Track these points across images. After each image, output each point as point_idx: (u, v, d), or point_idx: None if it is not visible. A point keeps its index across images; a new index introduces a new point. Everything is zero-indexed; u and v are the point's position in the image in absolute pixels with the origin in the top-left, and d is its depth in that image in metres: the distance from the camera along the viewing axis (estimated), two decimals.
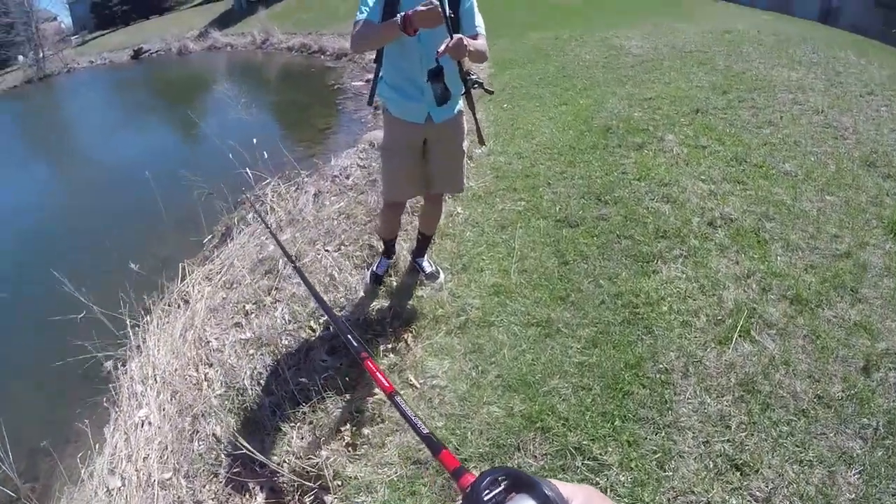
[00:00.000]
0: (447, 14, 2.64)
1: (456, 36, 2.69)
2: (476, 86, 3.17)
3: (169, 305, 5.10)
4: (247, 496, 3.06)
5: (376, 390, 3.33)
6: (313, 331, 4.03)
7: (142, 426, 3.88)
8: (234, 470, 3.15)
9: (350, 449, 3.08)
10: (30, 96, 27.95)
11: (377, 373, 1.15)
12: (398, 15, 2.72)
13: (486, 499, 0.60)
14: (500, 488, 0.62)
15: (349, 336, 1.36)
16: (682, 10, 14.28)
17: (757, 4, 16.03)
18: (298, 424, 3.32)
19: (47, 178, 12.76)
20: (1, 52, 36.46)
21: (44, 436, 4.56)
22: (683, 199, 4.64)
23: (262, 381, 3.74)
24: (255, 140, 6.53)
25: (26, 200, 11.11)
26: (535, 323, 3.57)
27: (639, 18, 13.16)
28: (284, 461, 3.09)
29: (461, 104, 3.43)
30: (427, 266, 4.21)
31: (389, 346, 3.66)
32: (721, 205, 4.52)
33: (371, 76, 3.51)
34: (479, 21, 3.14)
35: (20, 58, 35.20)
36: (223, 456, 3.31)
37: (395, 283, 4.23)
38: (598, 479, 2.60)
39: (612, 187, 4.96)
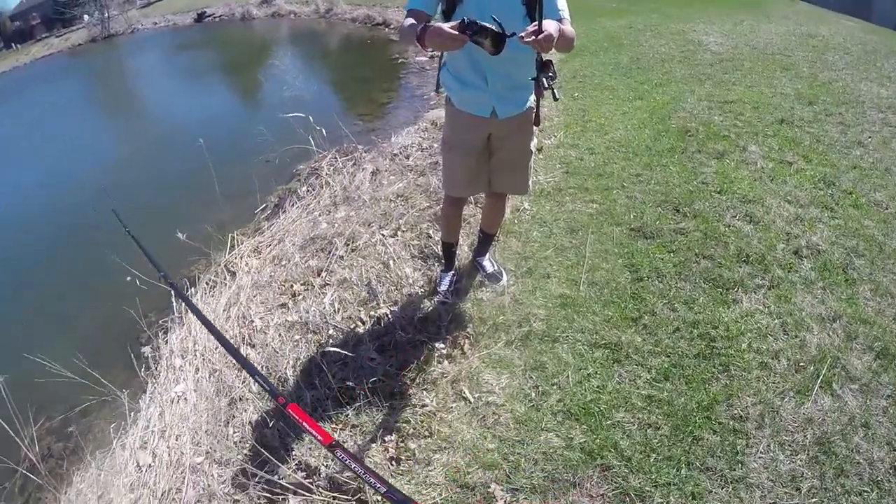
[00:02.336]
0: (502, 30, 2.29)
1: (548, 29, 2.31)
2: (547, 81, 2.78)
3: (215, 277, 4.96)
4: (279, 498, 2.88)
5: (425, 401, 3.13)
6: (363, 323, 3.82)
7: (178, 402, 3.79)
8: (268, 467, 2.97)
9: (394, 463, 2.89)
10: (94, 55, 28.54)
11: (305, 423, 0.97)
12: (418, 27, 2.38)
13: None
14: None
15: (258, 378, 1.20)
16: (761, 8, 13.74)
17: (835, 7, 15.38)
18: (340, 427, 3.12)
19: (105, 136, 12.85)
20: (67, 11, 37.24)
21: (80, 396, 4.52)
22: (768, 220, 4.31)
23: (304, 372, 3.56)
24: (313, 111, 6.34)
25: (83, 159, 11.22)
26: (603, 344, 3.31)
27: (717, 14, 12.66)
28: (321, 467, 2.90)
29: (531, 100, 3.07)
30: (489, 266, 3.97)
31: (444, 351, 3.44)
32: (808, 232, 4.17)
33: (435, 53, 3.15)
34: (562, 4, 2.77)
35: (86, 17, 36.01)
36: (258, 449, 3.13)
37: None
38: None
39: (691, 198, 4.65)
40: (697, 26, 11.31)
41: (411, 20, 2.61)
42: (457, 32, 2.21)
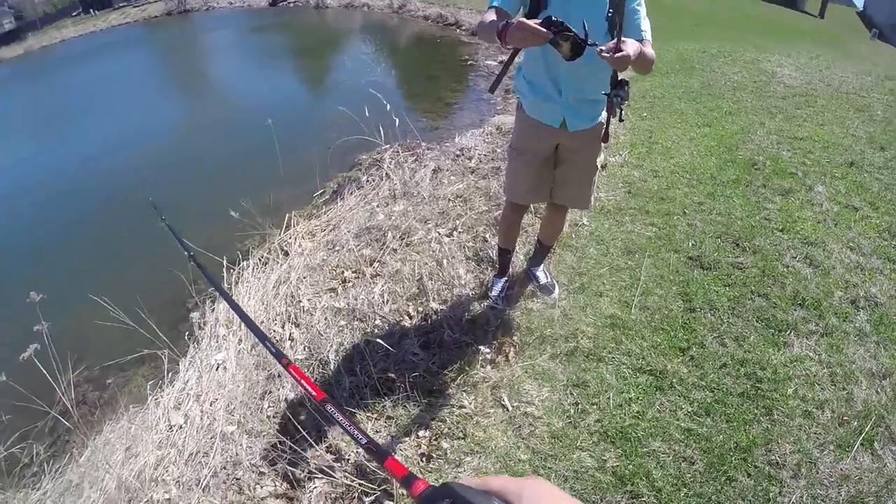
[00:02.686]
0: (585, 34, 2.28)
1: (627, 49, 2.31)
2: (619, 102, 2.75)
3: (268, 254, 5.03)
4: (305, 477, 2.92)
5: (464, 402, 3.14)
6: (410, 317, 3.85)
7: (216, 369, 3.86)
8: (298, 446, 3.01)
9: (424, 460, 2.92)
10: (169, 28, 29.38)
11: (302, 380, 1.00)
12: (500, 23, 2.40)
13: None
14: None
15: (267, 343, 1.21)
16: (839, 45, 13.44)
17: None
18: (375, 417, 3.16)
19: (174, 107, 13.15)
20: None
21: (120, 350, 4.62)
22: (828, 265, 4.21)
23: (346, 358, 3.61)
24: (381, 103, 6.37)
25: (149, 126, 11.53)
26: (648, 370, 3.28)
27: (793, 46, 12.39)
28: (351, 454, 2.93)
29: (602, 116, 3.04)
30: (542, 277, 3.97)
31: (489, 356, 3.45)
32: (867, 282, 4.06)
33: (504, 58, 3.14)
34: (645, 25, 2.75)
35: None
36: (290, 427, 3.18)
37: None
38: None
39: (752, 233, 4.58)
40: (772, 57, 11.10)
41: (492, 16, 2.63)
42: (542, 28, 2.22)
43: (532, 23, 2.24)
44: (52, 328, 3.65)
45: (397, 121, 6.33)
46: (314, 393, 0.91)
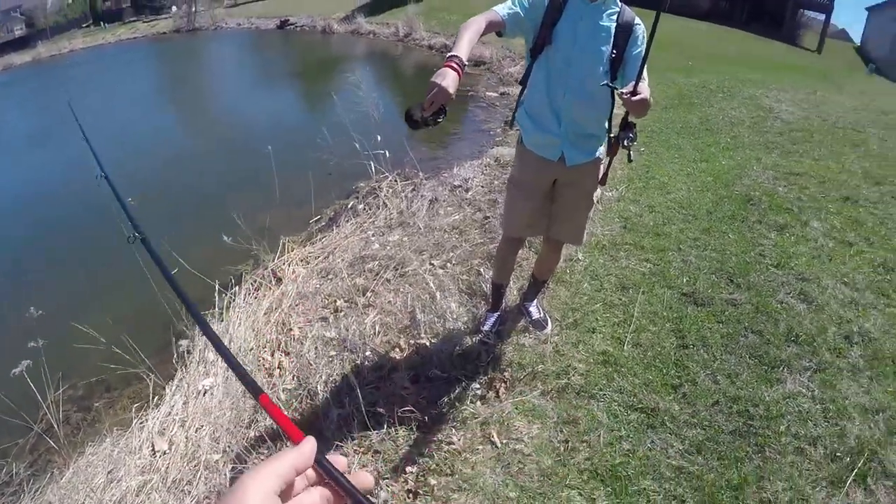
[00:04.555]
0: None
1: (643, 93, 2.38)
2: (627, 141, 2.76)
3: (261, 279, 5.00)
4: None
5: (452, 438, 3.11)
6: (401, 350, 3.82)
7: (203, 395, 3.84)
8: None
9: (411, 496, 2.87)
10: (175, 43, 30.08)
11: (280, 419, 0.83)
12: (456, 53, 2.43)
13: None
14: None
15: (239, 370, 1.05)
16: (835, 80, 13.47)
17: None
18: (363, 451, 3.12)
19: (170, 124, 13.21)
20: (156, 0, 39.56)
21: (106, 371, 4.58)
22: (822, 301, 4.18)
23: (335, 390, 3.58)
24: (380, 131, 6.39)
25: (143, 143, 11.57)
26: (639, 408, 3.25)
27: (791, 82, 12.44)
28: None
29: (602, 150, 3.05)
30: (535, 312, 3.94)
31: (479, 391, 3.42)
32: (861, 318, 4.02)
33: (505, 89, 3.17)
34: (644, 72, 2.79)
35: (173, 8, 38.34)
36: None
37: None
38: None
39: (746, 269, 4.56)
40: (770, 92, 11.16)
41: (483, 22, 2.61)
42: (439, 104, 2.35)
43: (453, 85, 2.33)
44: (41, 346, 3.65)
45: (388, 151, 6.34)
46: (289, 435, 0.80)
